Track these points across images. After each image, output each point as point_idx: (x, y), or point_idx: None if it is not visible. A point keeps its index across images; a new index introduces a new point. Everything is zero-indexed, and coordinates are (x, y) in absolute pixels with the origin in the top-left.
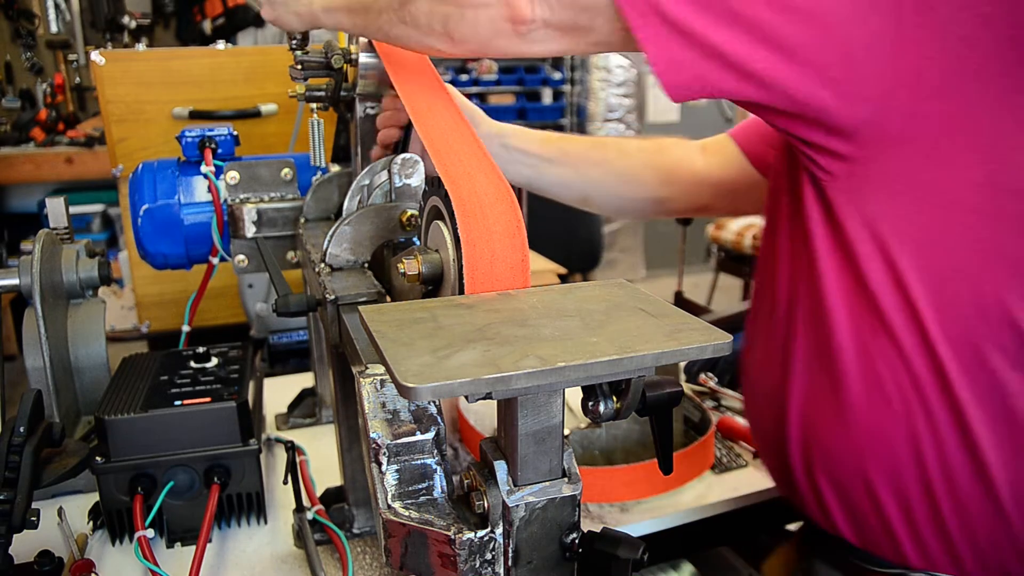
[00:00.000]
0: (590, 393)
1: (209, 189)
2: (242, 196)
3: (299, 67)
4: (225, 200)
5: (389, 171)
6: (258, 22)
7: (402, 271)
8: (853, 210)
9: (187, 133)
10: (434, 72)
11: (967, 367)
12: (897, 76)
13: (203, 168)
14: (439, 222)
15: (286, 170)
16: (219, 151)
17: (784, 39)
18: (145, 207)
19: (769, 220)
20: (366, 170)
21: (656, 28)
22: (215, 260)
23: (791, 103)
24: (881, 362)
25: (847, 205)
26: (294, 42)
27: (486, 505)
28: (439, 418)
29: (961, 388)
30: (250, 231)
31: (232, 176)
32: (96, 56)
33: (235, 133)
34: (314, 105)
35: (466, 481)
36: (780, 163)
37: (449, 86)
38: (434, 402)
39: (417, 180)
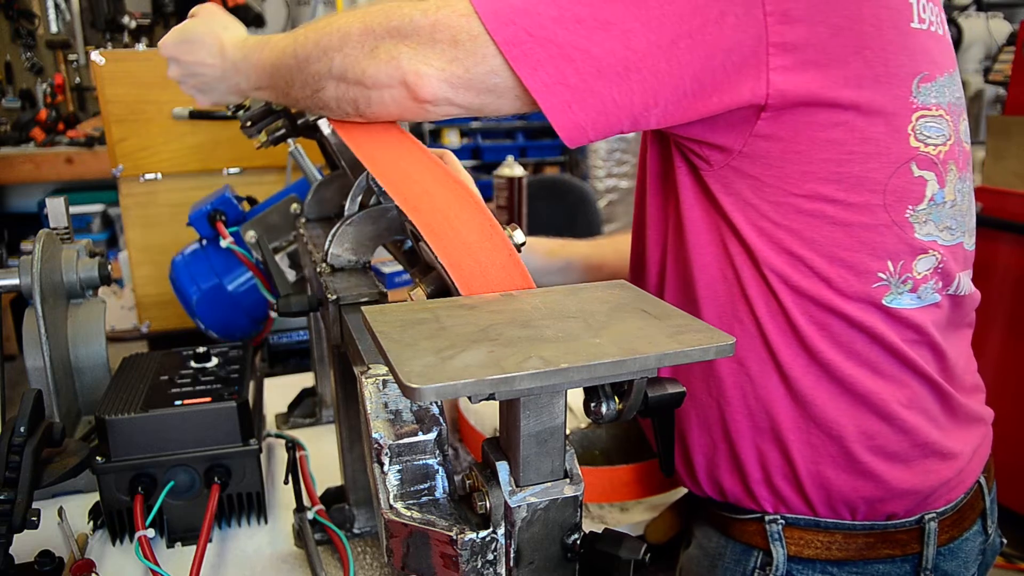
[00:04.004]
0: (592, 394)
1: (239, 258)
2: (270, 247)
3: (248, 124)
4: (256, 259)
5: None
6: (258, 22)
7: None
8: (725, 195)
9: (192, 215)
10: None
11: (831, 342)
12: (768, 90)
13: (224, 243)
14: (422, 243)
15: (294, 205)
16: (228, 217)
17: (670, 92)
18: (195, 299)
19: (637, 207)
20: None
21: (563, 98)
22: (273, 314)
23: (681, 124)
24: (738, 329)
25: (721, 190)
26: (231, 108)
27: (488, 506)
28: (441, 418)
29: (816, 347)
30: (291, 275)
31: (251, 235)
32: (96, 56)
33: (231, 194)
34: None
35: (468, 482)
36: (649, 155)
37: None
38: (436, 402)
39: None
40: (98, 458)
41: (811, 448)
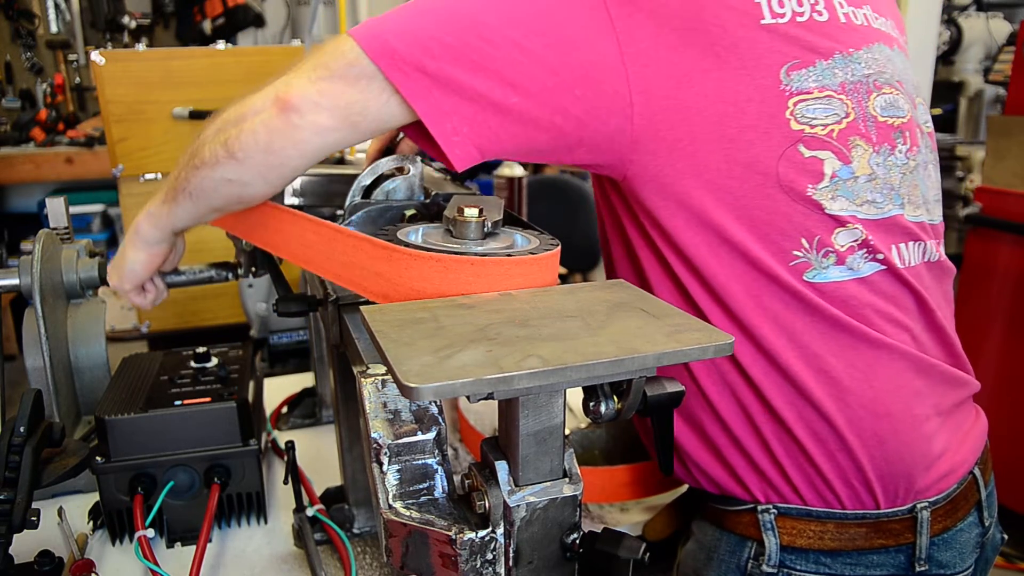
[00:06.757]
0: (591, 393)
1: None
2: None
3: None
4: None
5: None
6: (258, 22)
7: None
8: (640, 204)
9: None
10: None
11: (771, 325)
12: (630, 87)
13: None
14: None
15: None
16: None
17: (528, 81)
18: None
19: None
20: (368, 169)
21: (422, 84)
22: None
23: (560, 139)
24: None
25: (635, 202)
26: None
27: (487, 505)
28: (440, 418)
29: (759, 333)
30: None
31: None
32: (96, 56)
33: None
34: None
35: (467, 481)
36: (592, 179)
37: None
38: (435, 402)
39: (415, 170)
40: (98, 458)
41: (782, 432)
